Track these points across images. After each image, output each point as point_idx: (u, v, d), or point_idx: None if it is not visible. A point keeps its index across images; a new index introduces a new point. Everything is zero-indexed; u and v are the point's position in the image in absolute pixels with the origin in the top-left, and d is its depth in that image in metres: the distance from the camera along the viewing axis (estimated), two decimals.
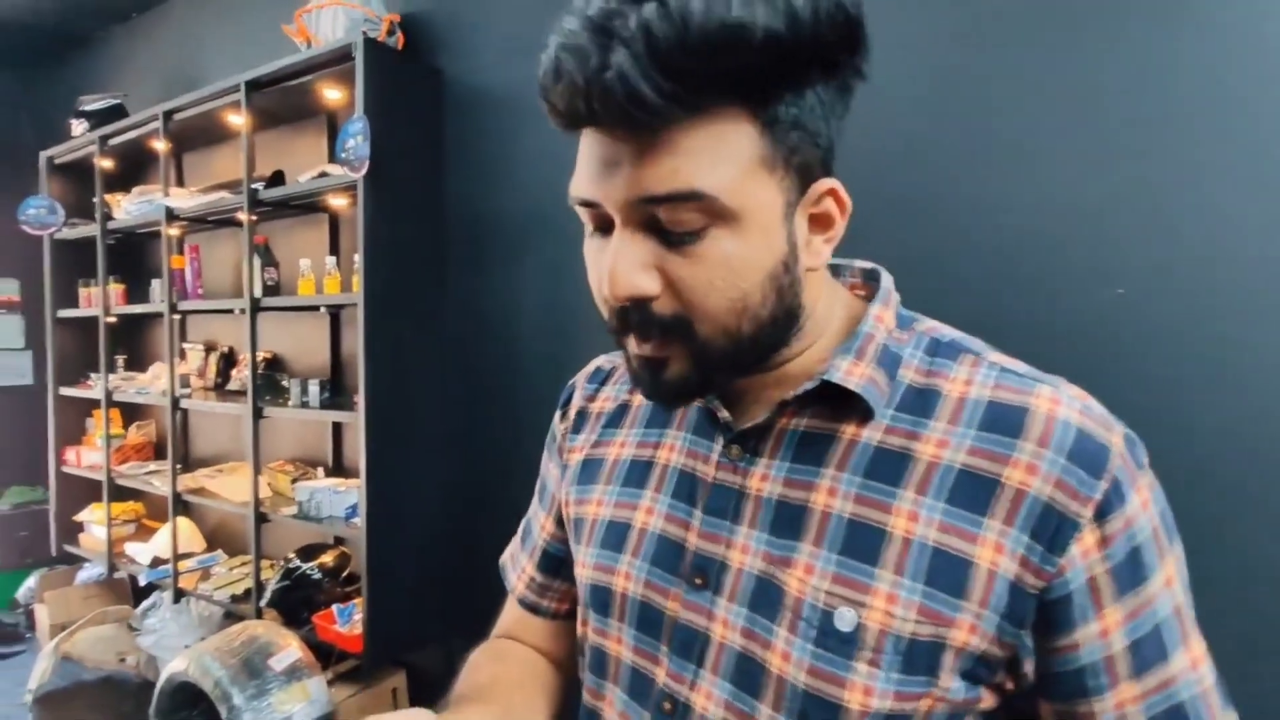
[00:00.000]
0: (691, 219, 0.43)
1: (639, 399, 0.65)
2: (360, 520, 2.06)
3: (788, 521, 0.49)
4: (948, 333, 0.53)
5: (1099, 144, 1.25)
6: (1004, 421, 0.46)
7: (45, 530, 3.44)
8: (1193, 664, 0.45)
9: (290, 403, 2.44)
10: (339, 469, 2.62)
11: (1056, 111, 1.28)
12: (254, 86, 2.33)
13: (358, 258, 2.04)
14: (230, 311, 2.89)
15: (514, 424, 2.13)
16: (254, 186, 2.36)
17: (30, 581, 3.42)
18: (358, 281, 2.04)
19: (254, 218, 2.41)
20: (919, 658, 0.44)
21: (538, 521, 0.73)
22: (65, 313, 3.33)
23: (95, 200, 3.08)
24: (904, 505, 0.46)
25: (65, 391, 3.33)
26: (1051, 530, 0.43)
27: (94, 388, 3.19)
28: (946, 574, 0.44)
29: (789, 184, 0.45)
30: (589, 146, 0.45)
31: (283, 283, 2.54)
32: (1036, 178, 1.30)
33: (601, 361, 0.72)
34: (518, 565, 0.75)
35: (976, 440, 0.46)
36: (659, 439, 0.60)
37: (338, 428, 2.63)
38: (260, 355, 2.55)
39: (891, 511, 0.46)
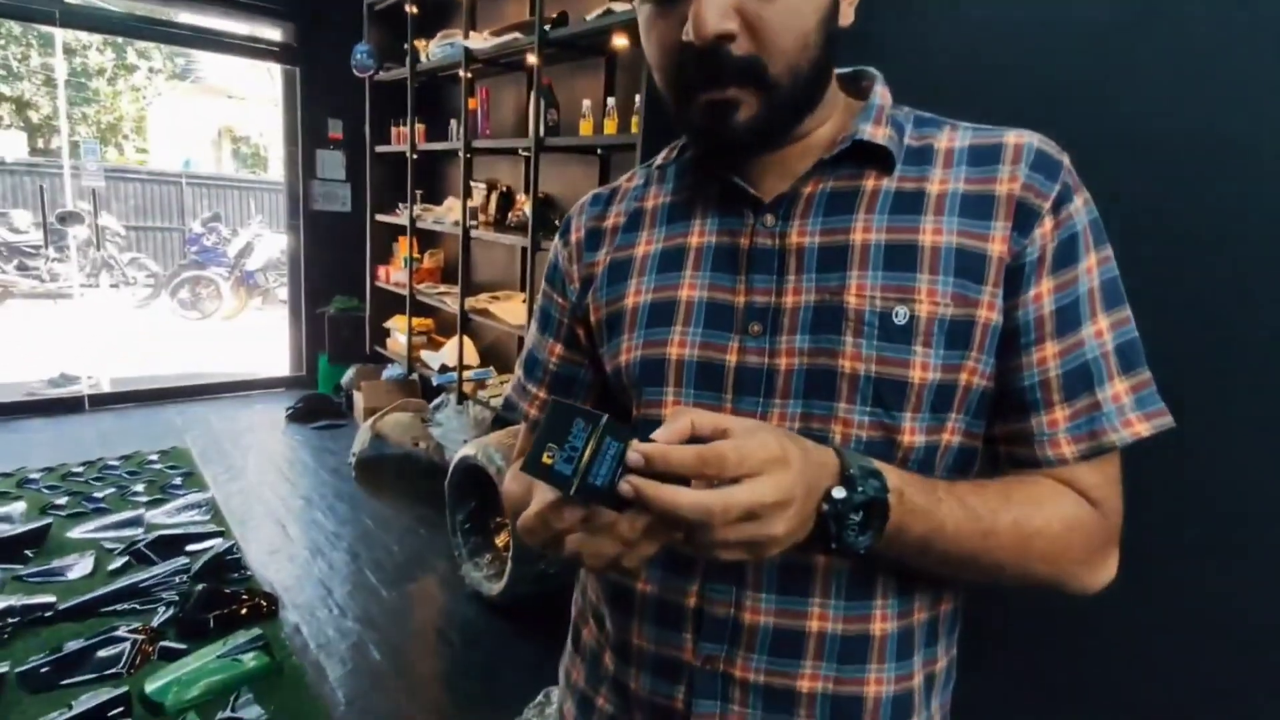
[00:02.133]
0: None
1: (651, 204, 0.68)
2: None
3: (832, 260, 0.57)
4: (925, 113, 0.63)
5: None
6: (986, 155, 0.57)
7: (361, 333, 4.18)
8: (1097, 334, 0.55)
9: None
10: None
11: None
12: None
13: (639, 99, 2.08)
14: (512, 153, 3.15)
15: None
16: (543, 28, 2.47)
17: (350, 373, 4.23)
18: (636, 122, 2.10)
19: (541, 59, 2.54)
20: (958, 335, 0.55)
21: (543, 350, 0.73)
22: (380, 149, 3.83)
23: (406, 45, 3.43)
24: (928, 225, 0.56)
25: (379, 218, 3.90)
26: (1023, 218, 0.55)
27: (400, 216, 3.70)
28: (969, 266, 0.55)
29: None
30: None
31: (562, 124, 2.68)
32: None
33: (597, 190, 0.74)
34: (526, 395, 0.75)
35: (969, 173, 0.57)
36: (685, 230, 0.64)
37: None
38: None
39: (918, 232, 0.56)
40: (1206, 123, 1.03)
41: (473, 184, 3.45)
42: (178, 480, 3.14)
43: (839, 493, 0.45)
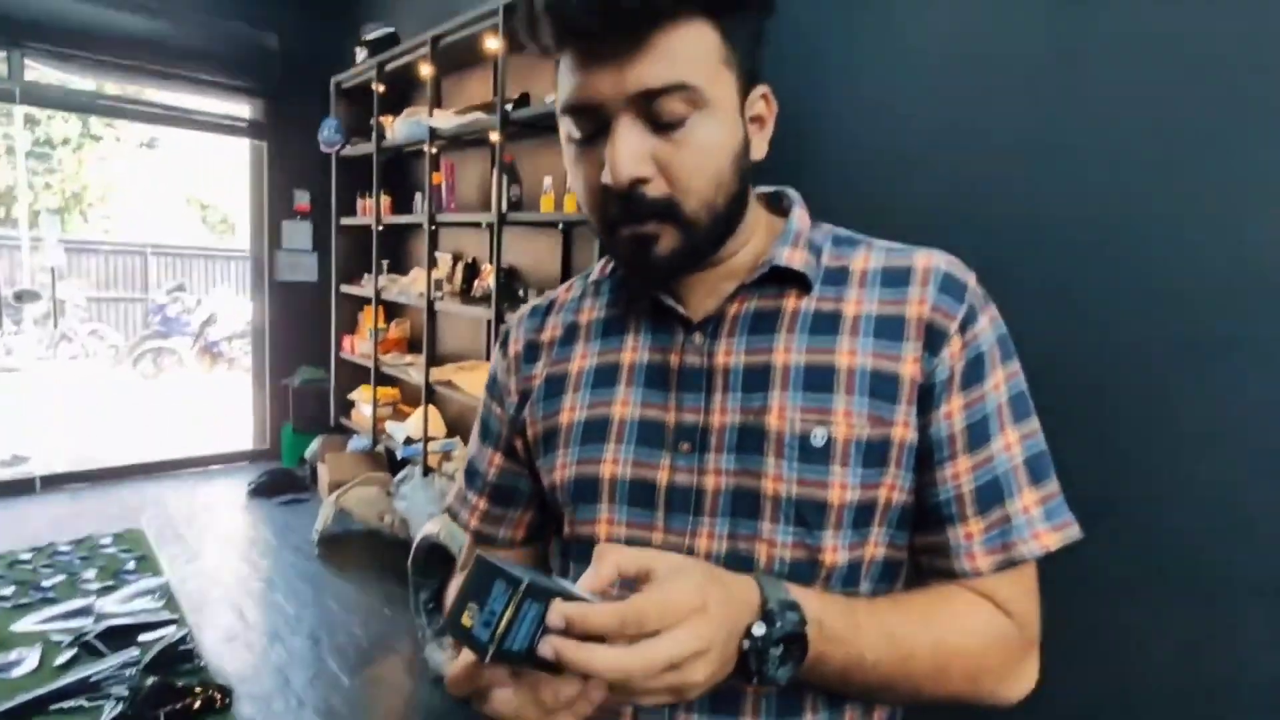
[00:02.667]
0: (679, 109, 0.53)
1: (586, 318, 0.70)
2: None
3: (756, 381, 0.59)
4: (843, 231, 0.66)
5: None
6: (897, 278, 0.61)
7: (326, 404, 4.13)
8: (1006, 447, 0.58)
9: None
10: None
11: None
12: (511, 10, 2.48)
13: None
14: (477, 225, 3.19)
15: None
16: (505, 108, 2.55)
17: (314, 444, 4.15)
18: None
19: (503, 137, 2.61)
20: (874, 454, 0.57)
21: (484, 460, 0.75)
22: (346, 220, 3.86)
23: (372, 122, 3.50)
24: (844, 347, 0.59)
25: (345, 289, 3.90)
26: (933, 339, 0.58)
27: (365, 287, 3.71)
28: (883, 388, 0.57)
29: (739, 84, 0.57)
30: (580, 61, 0.54)
31: (525, 199, 2.74)
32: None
33: (536, 302, 0.76)
34: (468, 505, 0.76)
35: (882, 295, 0.60)
36: (619, 346, 0.66)
37: None
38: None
39: (835, 353, 0.58)
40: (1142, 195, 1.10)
41: (438, 255, 3.49)
42: (131, 565, 3.02)
43: (758, 629, 0.46)
